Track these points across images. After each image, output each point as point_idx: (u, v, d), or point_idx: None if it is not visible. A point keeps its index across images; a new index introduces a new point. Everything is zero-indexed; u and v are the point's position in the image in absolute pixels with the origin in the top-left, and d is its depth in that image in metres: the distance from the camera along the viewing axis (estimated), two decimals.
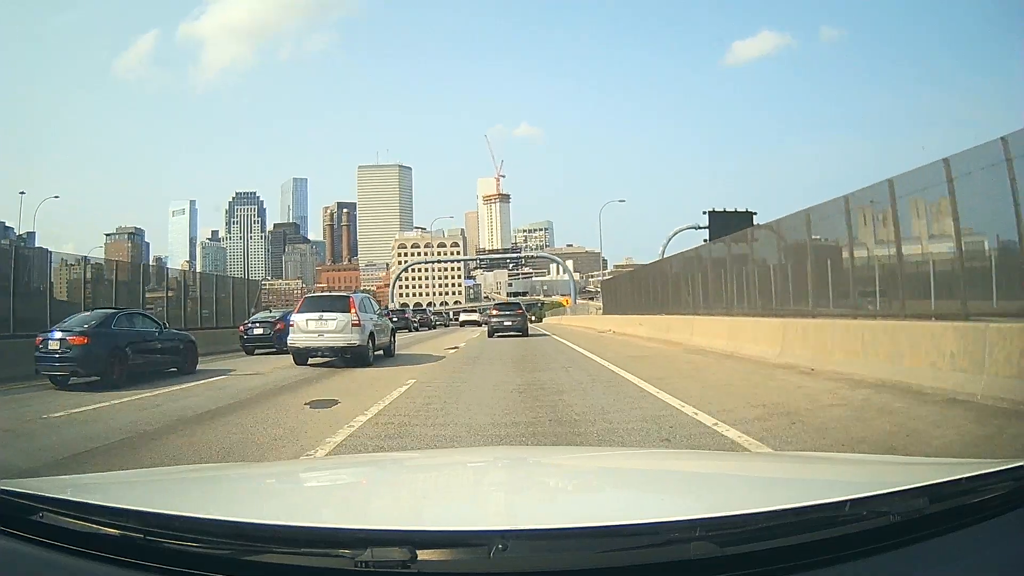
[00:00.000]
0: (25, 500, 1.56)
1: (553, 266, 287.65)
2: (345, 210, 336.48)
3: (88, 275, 24.59)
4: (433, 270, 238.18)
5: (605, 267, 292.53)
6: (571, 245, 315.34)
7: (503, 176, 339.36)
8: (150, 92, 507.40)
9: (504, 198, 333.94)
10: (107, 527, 1.43)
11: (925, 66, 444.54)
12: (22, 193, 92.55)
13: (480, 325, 56.33)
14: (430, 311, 67.92)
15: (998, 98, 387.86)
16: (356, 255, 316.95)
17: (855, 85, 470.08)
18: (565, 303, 70.29)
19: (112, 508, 1.49)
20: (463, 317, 67.04)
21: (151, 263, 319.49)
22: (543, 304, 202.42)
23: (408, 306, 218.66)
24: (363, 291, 32.24)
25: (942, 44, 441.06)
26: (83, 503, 1.53)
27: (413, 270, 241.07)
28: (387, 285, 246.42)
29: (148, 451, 6.69)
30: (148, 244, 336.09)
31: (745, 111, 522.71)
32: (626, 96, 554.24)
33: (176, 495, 2.06)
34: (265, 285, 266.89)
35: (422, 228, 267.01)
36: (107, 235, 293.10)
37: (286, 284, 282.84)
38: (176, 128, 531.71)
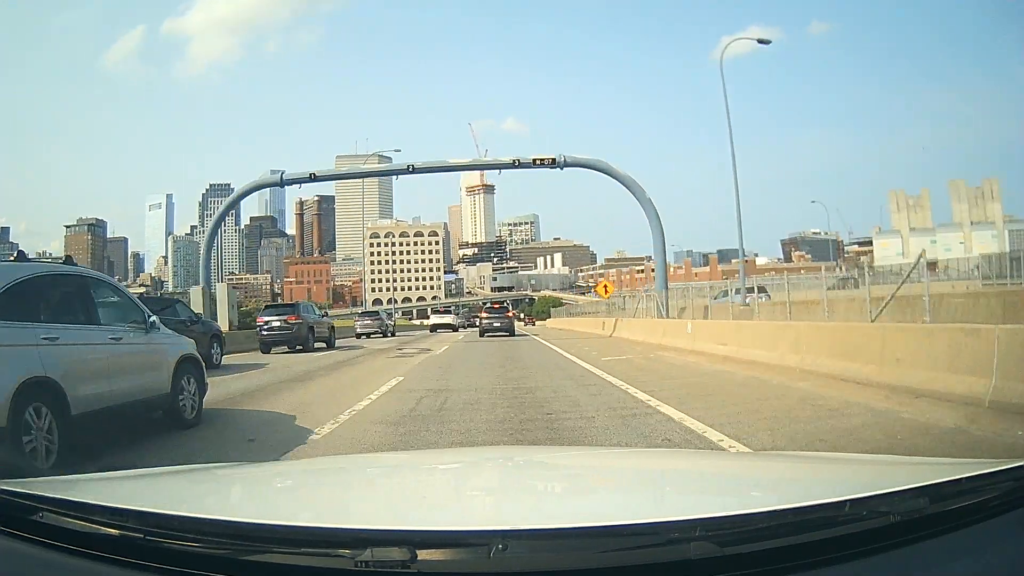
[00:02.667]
0: (25, 500, 1.59)
1: (541, 260, 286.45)
2: (316, 198, 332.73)
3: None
4: (409, 263, 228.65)
5: (595, 261, 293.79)
6: (558, 239, 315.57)
7: None
8: (132, 86, 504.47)
9: (488, 189, 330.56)
10: (107, 527, 1.46)
11: (921, 62, 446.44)
12: None
13: (456, 330, 48.52)
14: (314, 313, 29.08)
15: (997, 95, 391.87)
16: (334, 248, 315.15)
17: (849, 80, 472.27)
18: (605, 292, 40.05)
19: (112, 508, 1.52)
20: (434, 319, 52.98)
21: (129, 259, 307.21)
22: (533, 300, 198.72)
23: (382, 302, 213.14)
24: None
25: (940, 40, 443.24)
26: (83, 503, 1.56)
27: (386, 263, 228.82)
28: (360, 281, 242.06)
29: None
30: (127, 240, 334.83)
31: (737, 105, 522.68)
32: (614, 90, 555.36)
33: (176, 495, 2.09)
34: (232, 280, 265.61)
35: (399, 220, 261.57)
36: (67, 227, 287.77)
37: (254, 279, 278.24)
38: (158, 122, 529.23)
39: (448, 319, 52.93)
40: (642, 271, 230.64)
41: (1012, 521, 1.50)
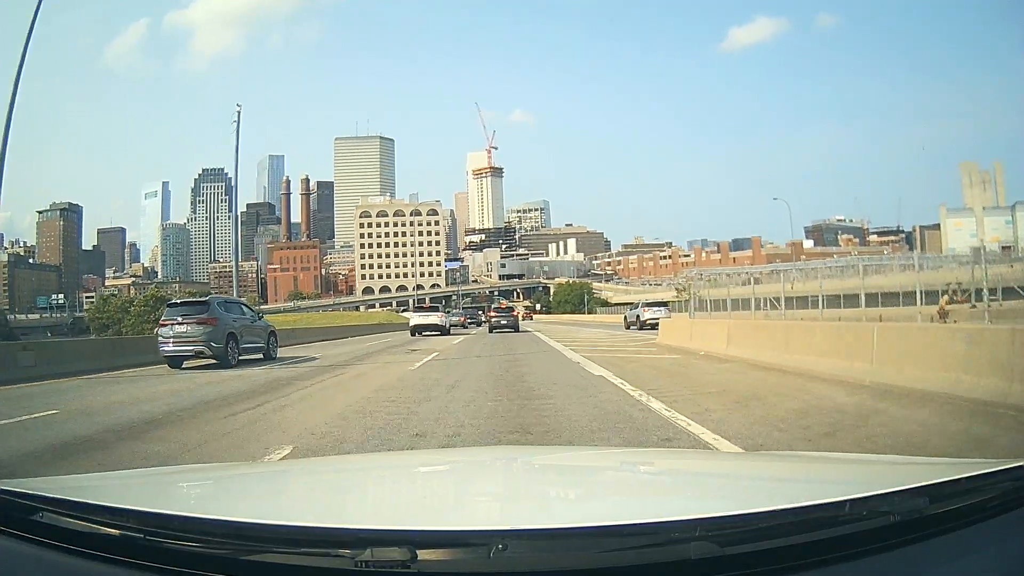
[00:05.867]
0: (25, 500, 1.65)
1: (553, 246, 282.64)
2: (303, 176, 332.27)
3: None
4: (405, 246, 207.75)
5: (609, 248, 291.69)
6: (570, 225, 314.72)
7: (495, 148, 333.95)
8: (133, 80, 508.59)
9: (496, 172, 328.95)
10: (107, 527, 1.52)
11: (922, 56, 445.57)
12: None
13: (446, 332, 39.46)
14: None
15: (997, 91, 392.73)
16: (333, 236, 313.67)
17: (850, 74, 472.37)
18: None
19: (112, 508, 1.58)
20: (416, 319, 40.50)
21: (126, 249, 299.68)
22: (548, 289, 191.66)
23: (373, 291, 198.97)
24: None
25: (940, 35, 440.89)
26: (83, 503, 1.62)
27: (379, 246, 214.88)
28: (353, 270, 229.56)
29: None
30: (124, 230, 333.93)
31: (747, 97, 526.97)
32: (621, 82, 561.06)
33: (176, 495, 2.17)
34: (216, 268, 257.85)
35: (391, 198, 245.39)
36: (39, 212, 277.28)
37: (239, 266, 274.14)
38: (157, 114, 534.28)
39: (434, 318, 39.96)
40: (667, 257, 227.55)
41: (1012, 521, 1.57)
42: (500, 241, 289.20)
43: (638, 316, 44.84)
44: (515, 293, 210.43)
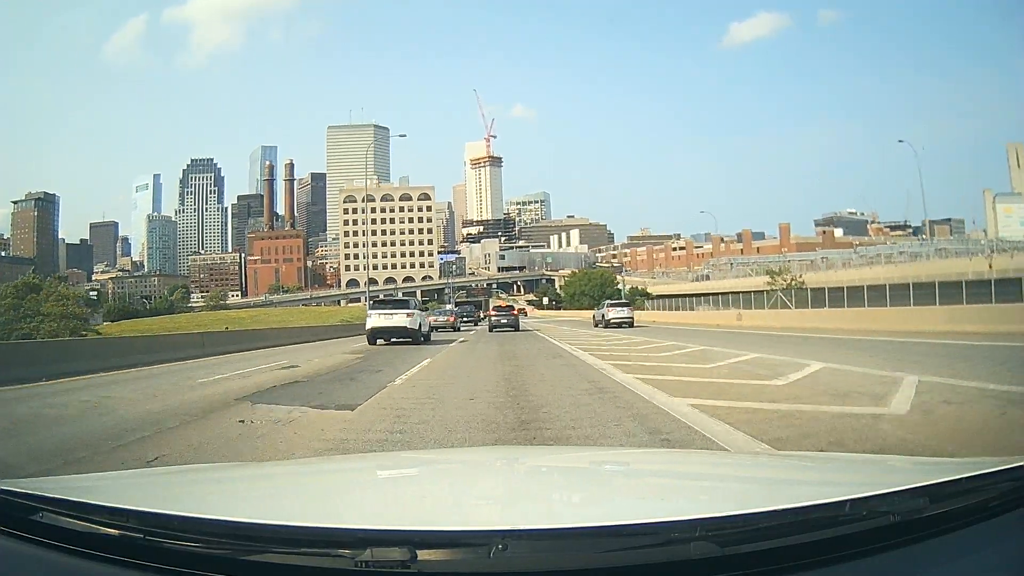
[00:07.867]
0: (25, 500, 1.69)
1: (554, 238, 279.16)
2: (287, 162, 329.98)
3: None
4: (395, 233, 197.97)
5: (612, 240, 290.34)
6: (572, 216, 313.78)
7: (494, 137, 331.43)
8: (127, 71, 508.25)
9: (495, 161, 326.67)
10: (107, 527, 1.56)
11: (923, 54, 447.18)
12: None
13: (423, 340, 29.66)
14: None
15: (998, 89, 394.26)
16: (326, 227, 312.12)
17: (851, 70, 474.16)
18: None
19: (112, 508, 1.62)
20: (375, 321, 29.18)
21: (118, 243, 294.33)
22: (552, 281, 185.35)
23: (358, 283, 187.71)
24: None
25: (941, 34, 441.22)
26: (83, 503, 1.66)
27: (365, 234, 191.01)
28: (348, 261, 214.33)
29: None
30: (117, 224, 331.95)
31: (747, 94, 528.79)
32: (621, 78, 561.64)
33: (176, 495, 2.22)
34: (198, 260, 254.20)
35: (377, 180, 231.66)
36: (14, 202, 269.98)
37: (221, 259, 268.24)
38: (148, 107, 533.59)
39: (400, 319, 29.27)
40: (680, 248, 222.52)
41: (1012, 521, 1.61)
42: (499, 233, 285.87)
43: (603, 315, 47.22)
44: (515, 286, 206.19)
